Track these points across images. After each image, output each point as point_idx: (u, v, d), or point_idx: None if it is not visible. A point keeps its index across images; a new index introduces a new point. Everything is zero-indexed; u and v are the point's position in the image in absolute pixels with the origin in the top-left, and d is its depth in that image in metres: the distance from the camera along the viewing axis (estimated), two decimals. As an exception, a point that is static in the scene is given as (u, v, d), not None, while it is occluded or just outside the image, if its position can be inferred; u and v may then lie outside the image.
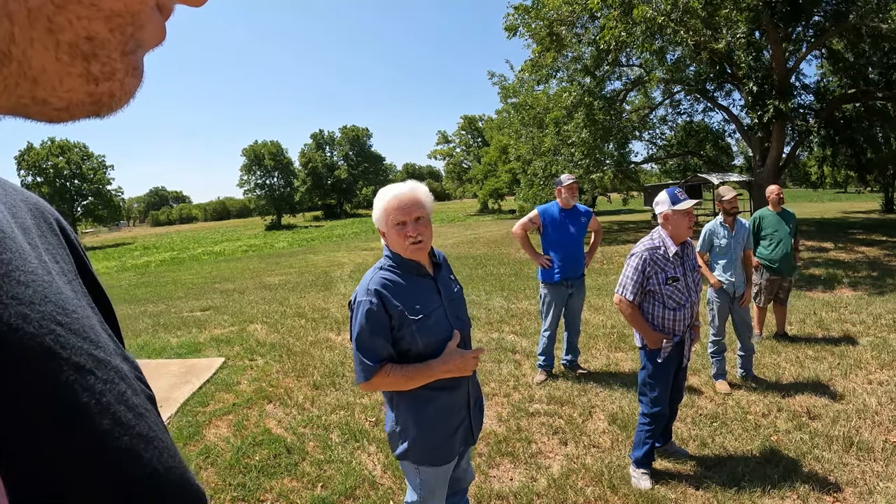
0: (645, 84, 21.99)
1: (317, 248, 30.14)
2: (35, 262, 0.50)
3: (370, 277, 2.41)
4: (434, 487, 2.59)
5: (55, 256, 0.57)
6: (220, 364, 7.14)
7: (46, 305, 0.46)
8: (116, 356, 0.53)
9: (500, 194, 57.69)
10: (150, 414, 0.54)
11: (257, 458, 4.62)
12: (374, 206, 2.45)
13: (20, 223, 0.54)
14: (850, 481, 3.93)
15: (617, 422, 4.98)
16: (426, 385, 2.40)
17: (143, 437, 0.50)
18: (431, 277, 2.53)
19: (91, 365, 0.47)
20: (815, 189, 52.72)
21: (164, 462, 0.51)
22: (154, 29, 0.41)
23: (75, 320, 0.49)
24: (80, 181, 68.70)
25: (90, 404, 0.45)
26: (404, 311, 2.34)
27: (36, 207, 0.61)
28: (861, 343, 6.76)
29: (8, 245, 0.47)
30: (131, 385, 0.53)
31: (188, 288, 16.48)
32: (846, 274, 11.29)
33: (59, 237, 0.62)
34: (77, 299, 0.53)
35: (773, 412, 5.07)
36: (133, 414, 0.50)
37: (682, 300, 3.96)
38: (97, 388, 0.47)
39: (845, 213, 29.92)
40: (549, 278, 6.14)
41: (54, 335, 0.45)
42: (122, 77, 0.40)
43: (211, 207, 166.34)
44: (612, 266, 14.47)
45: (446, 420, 2.50)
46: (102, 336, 0.53)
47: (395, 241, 2.40)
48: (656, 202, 4.08)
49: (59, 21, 0.35)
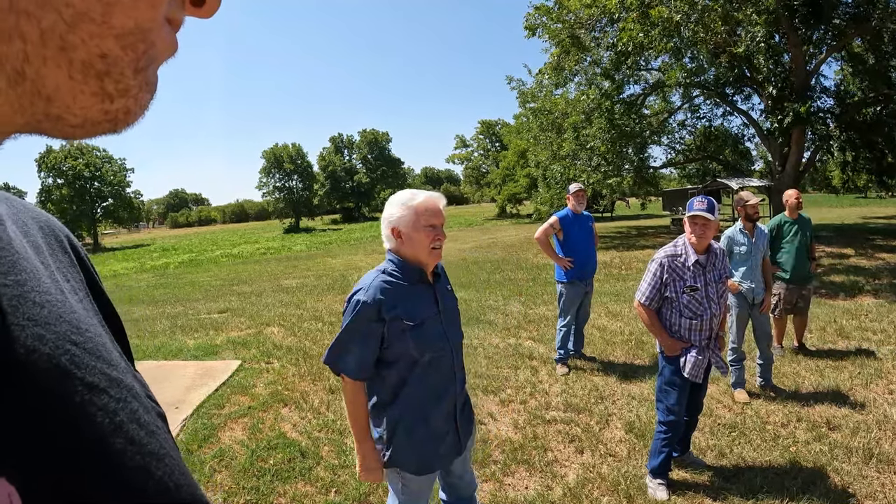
0: (664, 88, 21.92)
1: (334, 252, 30.25)
2: (48, 282, 0.50)
3: (371, 279, 2.43)
4: (417, 495, 2.60)
5: (66, 275, 0.57)
6: (237, 366, 7.17)
7: (61, 325, 0.47)
8: (128, 374, 0.54)
9: (518, 199, 57.70)
10: (161, 432, 0.54)
11: (272, 461, 4.63)
12: (395, 206, 2.47)
13: (32, 242, 0.55)
14: (869, 494, 3.88)
15: (634, 430, 4.94)
16: (413, 393, 2.45)
17: (155, 455, 0.50)
18: (430, 286, 2.55)
19: (105, 384, 0.48)
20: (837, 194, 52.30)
21: (175, 479, 0.51)
22: (165, 43, 0.42)
23: (88, 339, 0.50)
24: (99, 183, 69.45)
25: (104, 423, 0.46)
26: (401, 315, 2.37)
27: (46, 225, 0.62)
28: (882, 352, 6.67)
29: (22, 265, 0.48)
30: (143, 403, 0.53)
31: (206, 290, 16.59)
32: (867, 281, 11.15)
33: (70, 255, 0.62)
34: (89, 318, 0.54)
35: (792, 422, 5.01)
36: (145, 432, 0.50)
37: (699, 311, 3.92)
38: (111, 407, 0.47)
39: (865, 218, 29.56)
40: (569, 278, 6.58)
41: (69, 355, 0.46)
42: (136, 93, 0.40)
43: (229, 210, 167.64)
44: (631, 272, 14.41)
45: (432, 429, 2.51)
46: (114, 354, 0.54)
47: (420, 243, 2.43)
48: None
49: (71, 40, 0.35)
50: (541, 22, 18.72)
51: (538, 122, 23.35)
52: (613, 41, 16.79)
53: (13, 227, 0.53)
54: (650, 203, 50.13)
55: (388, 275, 2.44)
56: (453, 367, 2.56)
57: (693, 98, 23.65)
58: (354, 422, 2.47)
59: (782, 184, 17.52)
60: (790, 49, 16.70)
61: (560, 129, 21.77)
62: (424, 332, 2.42)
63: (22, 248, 0.50)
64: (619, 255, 17.86)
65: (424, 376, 2.44)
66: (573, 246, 6.59)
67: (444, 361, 2.50)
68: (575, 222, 6.62)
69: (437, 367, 2.48)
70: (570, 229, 6.59)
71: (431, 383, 2.47)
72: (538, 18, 18.71)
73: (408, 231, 2.43)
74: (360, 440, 2.48)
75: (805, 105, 15.75)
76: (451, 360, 2.54)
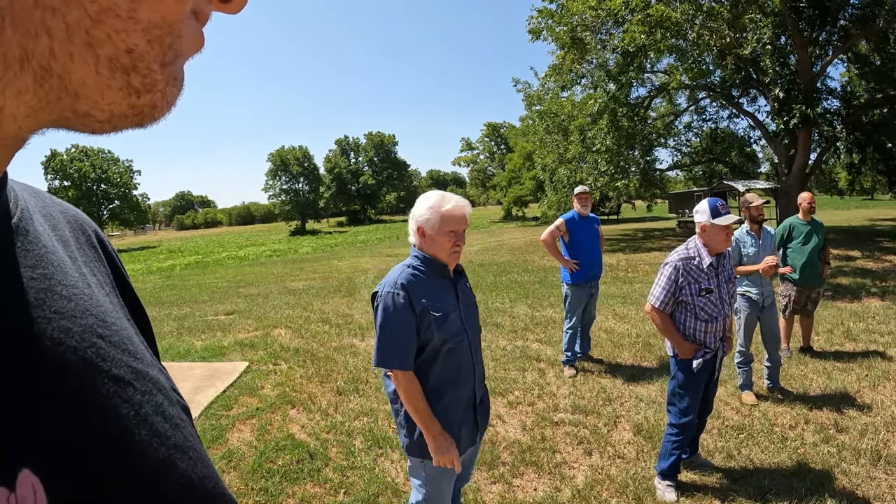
0: (669, 90, 21.88)
1: (341, 254, 30.22)
2: (75, 275, 0.51)
3: (399, 272, 2.57)
4: (440, 483, 2.67)
5: (93, 269, 0.58)
6: (244, 368, 7.19)
7: (87, 318, 0.47)
8: (153, 367, 0.54)
9: (524, 201, 57.57)
10: (185, 424, 0.55)
11: (280, 462, 4.65)
12: (424, 206, 2.60)
13: (60, 235, 0.55)
14: (877, 496, 3.87)
15: (642, 432, 4.94)
16: (434, 379, 2.58)
17: (179, 448, 0.51)
18: (452, 282, 2.68)
19: (130, 377, 0.49)
20: (842, 196, 52.09)
21: (199, 472, 0.52)
22: (192, 37, 0.42)
23: (115, 332, 0.50)
24: (106, 185, 69.54)
25: (129, 416, 0.47)
26: (428, 306, 2.51)
27: (75, 219, 0.62)
28: (889, 354, 6.65)
29: (49, 259, 0.48)
30: (168, 396, 0.54)
31: (212, 291, 16.59)
32: (874, 283, 11.11)
33: (97, 249, 0.63)
34: (115, 311, 0.55)
35: (800, 424, 5.01)
36: (169, 424, 0.51)
37: (714, 312, 3.92)
38: (136, 400, 0.48)
39: (872, 220, 29.45)
40: (575, 280, 6.61)
41: (95, 348, 0.46)
42: (162, 88, 0.40)
43: (236, 212, 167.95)
44: (637, 274, 14.38)
45: (451, 414, 2.61)
46: (140, 347, 0.54)
47: (441, 245, 2.57)
48: (696, 210, 4.04)
49: (97, 35, 0.35)
50: (545, 25, 18.68)
51: (544, 125, 23.32)
52: (618, 43, 16.74)
53: (42, 220, 0.53)
54: (656, 205, 50.04)
55: (414, 269, 2.59)
56: (472, 360, 2.66)
57: (699, 100, 23.62)
58: (417, 411, 2.51)
59: (788, 186, 17.48)
60: (796, 51, 16.65)
61: (566, 131, 21.74)
62: (448, 325, 2.55)
63: (49, 241, 0.51)
64: (625, 258, 17.82)
65: (446, 364, 2.58)
66: (579, 248, 6.61)
67: (463, 352, 2.60)
68: (581, 224, 6.65)
69: (458, 357, 2.59)
70: (575, 231, 6.61)
71: (451, 371, 2.59)
72: (542, 22, 18.66)
73: (432, 233, 2.57)
74: (429, 426, 2.51)
75: (812, 107, 15.71)
76: (469, 351, 2.64)
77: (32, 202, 0.55)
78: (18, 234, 0.46)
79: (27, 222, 0.48)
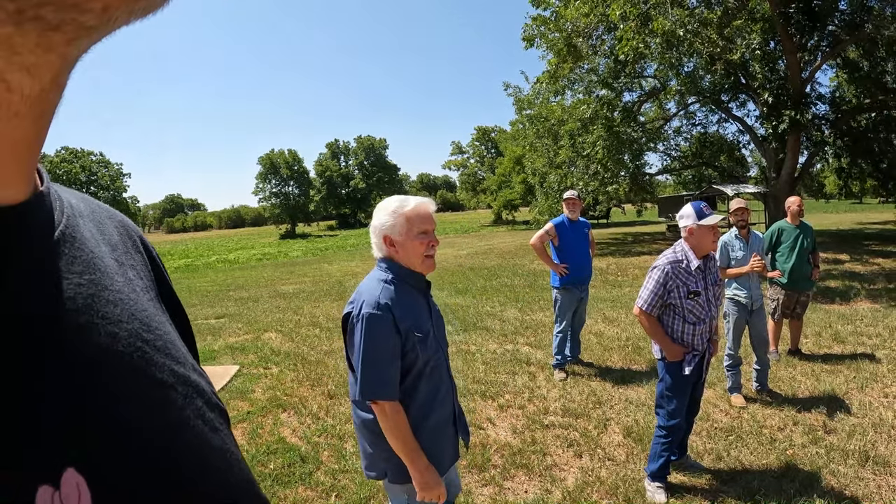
0: (659, 96, 21.97)
1: (331, 258, 30.19)
2: (121, 280, 0.52)
3: (377, 289, 2.31)
4: None
5: (139, 272, 0.59)
6: (235, 372, 7.18)
7: (133, 323, 0.49)
8: (194, 371, 0.56)
9: (514, 205, 57.64)
10: (223, 428, 0.56)
11: (272, 466, 4.65)
12: (385, 213, 2.36)
13: (107, 240, 0.56)
14: (866, 496, 3.91)
15: (632, 435, 4.96)
16: (420, 400, 2.36)
17: (217, 450, 0.53)
18: (425, 295, 2.49)
19: (173, 381, 0.50)
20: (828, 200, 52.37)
21: (236, 475, 0.54)
22: None
23: (158, 336, 0.52)
24: (95, 188, 69.12)
25: (171, 419, 0.48)
26: (411, 328, 2.29)
27: (122, 224, 0.64)
28: (877, 356, 6.70)
29: (96, 264, 0.49)
30: (208, 399, 0.55)
31: (202, 295, 16.53)
32: (862, 286, 11.16)
33: (142, 254, 0.64)
34: (159, 316, 0.56)
35: (788, 426, 5.04)
36: (209, 428, 0.53)
37: (702, 315, 3.95)
38: (178, 404, 0.50)
39: (861, 224, 29.67)
40: (564, 284, 6.62)
41: (141, 352, 0.48)
42: None
43: (226, 215, 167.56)
44: (627, 278, 14.42)
45: (440, 434, 2.44)
46: (182, 351, 0.55)
47: (414, 250, 2.34)
48: (680, 215, 4.07)
49: None
50: (538, 32, 18.72)
51: (534, 129, 23.37)
52: (610, 49, 16.81)
53: (90, 225, 0.54)
54: (646, 210, 50.16)
55: (391, 285, 2.33)
56: (448, 374, 2.52)
57: (689, 105, 23.71)
58: (405, 444, 2.26)
59: (777, 190, 17.56)
60: (785, 56, 16.71)
61: (556, 136, 21.79)
62: (428, 343, 2.36)
63: (97, 246, 0.52)
64: (615, 262, 17.85)
65: (429, 383, 2.38)
66: (568, 252, 6.62)
67: (442, 369, 2.45)
68: (570, 229, 6.66)
69: (439, 374, 2.42)
70: (565, 236, 6.63)
71: (434, 389, 2.40)
72: (536, 29, 18.70)
73: (401, 239, 2.35)
74: (415, 460, 2.27)
75: (801, 111, 15.80)
76: (446, 366, 2.50)
77: (83, 206, 0.56)
78: (65, 240, 0.47)
79: (74, 228, 0.49)
